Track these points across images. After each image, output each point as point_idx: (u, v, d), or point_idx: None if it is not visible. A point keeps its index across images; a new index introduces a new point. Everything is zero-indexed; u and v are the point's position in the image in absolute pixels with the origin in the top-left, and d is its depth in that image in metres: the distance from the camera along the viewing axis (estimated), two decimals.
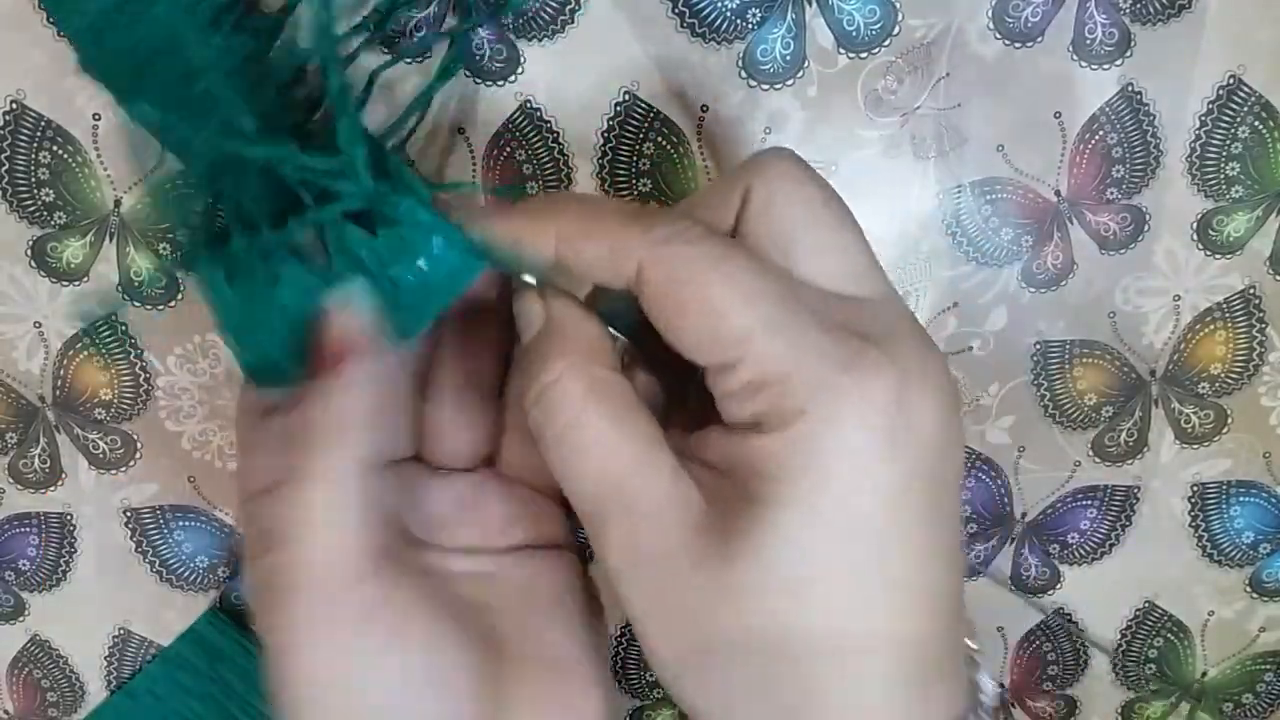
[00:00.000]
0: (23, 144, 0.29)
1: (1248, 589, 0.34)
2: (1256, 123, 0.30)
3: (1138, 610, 0.34)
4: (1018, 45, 0.29)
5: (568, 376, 0.21)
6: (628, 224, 0.21)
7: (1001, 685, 0.34)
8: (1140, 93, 0.29)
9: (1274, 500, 0.33)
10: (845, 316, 0.21)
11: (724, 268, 0.20)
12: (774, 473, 0.20)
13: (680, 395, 0.24)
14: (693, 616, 0.20)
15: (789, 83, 0.29)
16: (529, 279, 0.23)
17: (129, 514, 0.33)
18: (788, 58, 0.29)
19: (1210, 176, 0.30)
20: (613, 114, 0.29)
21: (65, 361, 0.31)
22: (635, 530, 0.21)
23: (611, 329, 0.23)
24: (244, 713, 0.33)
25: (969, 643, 0.23)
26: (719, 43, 0.29)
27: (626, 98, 0.29)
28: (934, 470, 0.20)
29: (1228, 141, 0.30)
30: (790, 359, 0.19)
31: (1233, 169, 0.30)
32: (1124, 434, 0.32)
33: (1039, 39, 0.29)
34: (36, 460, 0.32)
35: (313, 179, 0.22)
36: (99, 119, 0.29)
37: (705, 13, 0.28)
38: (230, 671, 0.33)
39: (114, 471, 0.32)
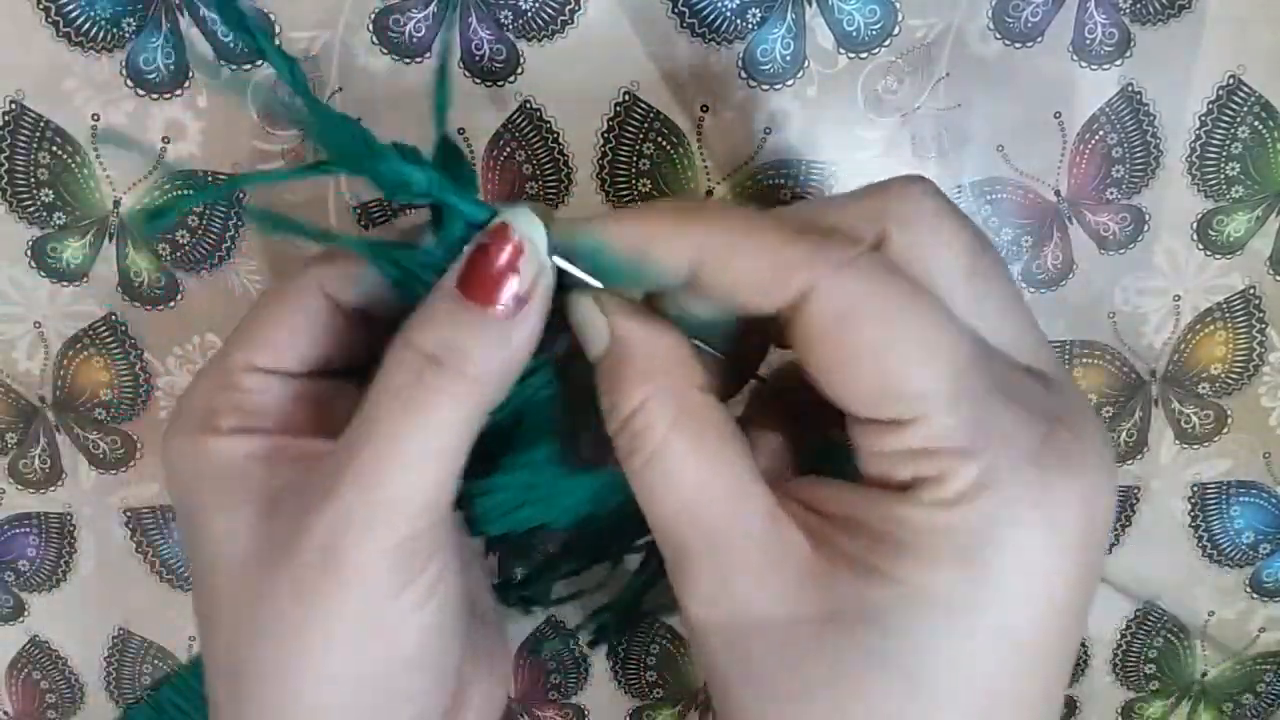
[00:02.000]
0: (22, 144, 0.29)
1: (1248, 589, 0.34)
2: (1256, 123, 0.30)
3: (1138, 610, 0.34)
4: (1018, 45, 0.29)
5: (653, 403, 0.19)
6: (792, 239, 0.18)
7: None
8: (1140, 93, 0.29)
9: (1274, 500, 0.33)
10: (1029, 393, 0.18)
11: (913, 309, 0.17)
12: (925, 551, 0.17)
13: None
14: (795, 689, 0.17)
15: (789, 83, 0.29)
16: (589, 283, 0.20)
17: (129, 514, 0.33)
18: (788, 58, 0.29)
19: (1210, 176, 0.30)
20: (613, 114, 0.29)
21: (65, 362, 0.31)
22: (723, 575, 0.18)
23: (698, 342, 0.20)
24: None
25: None
26: (719, 43, 0.29)
27: (626, 98, 0.29)
28: (1094, 584, 0.18)
29: (1228, 141, 0.30)
30: (974, 435, 0.17)
31: (1233, 169, 0.30)
32: (1124, 434, 0.32)
33: (1039, 39, 0.29)
34: (37, 460, 0.32)
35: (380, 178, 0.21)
36: (98, 119, 0.29)
37: (705, 13, 0.28)
38: None
39: (114, 471, 0.32)
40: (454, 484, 0.20)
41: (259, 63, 0.29)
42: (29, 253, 0.30)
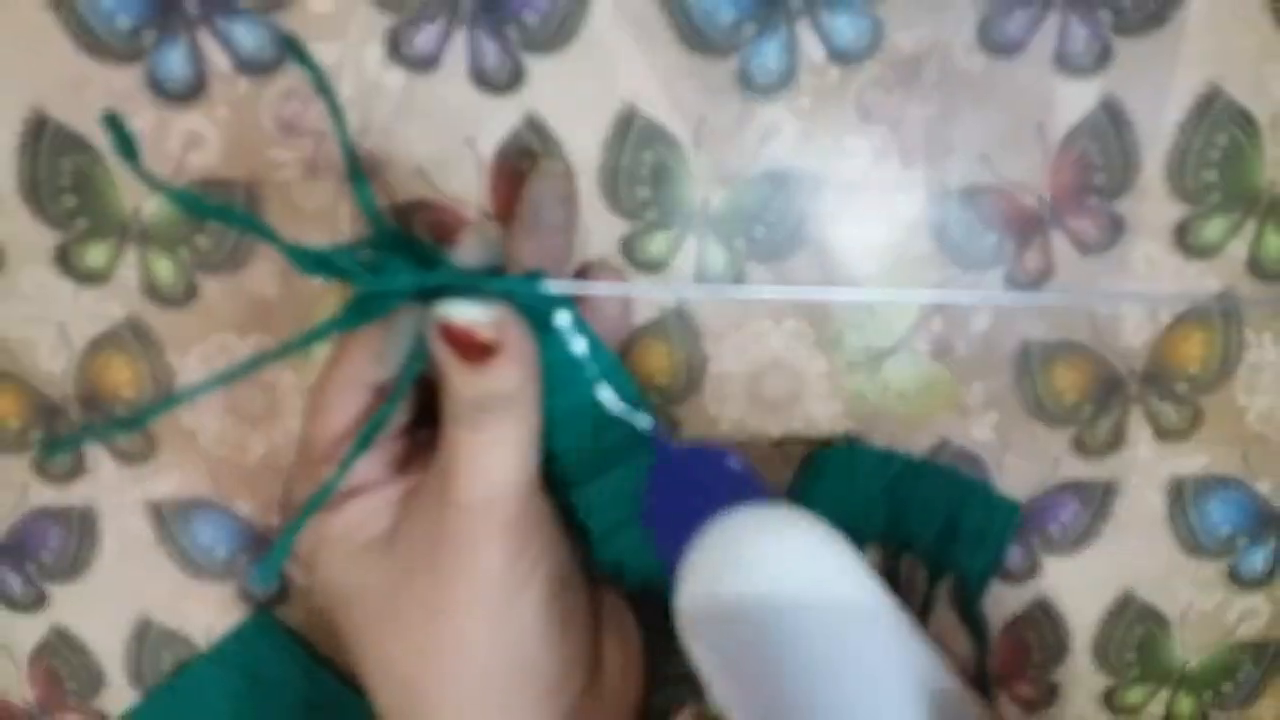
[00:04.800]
0: (45, 152, 0.30)
1: (1225, 581, 0.34)
2: (1235, 129, 0.30)
3: (1117, 600, 0.35)
4: (1002, 58, 0.30)
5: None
6: None
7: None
8: (1120, 102, 0.30)
9: (1250, 495, 0.34)
10: None
11: None
12: None
13: None
14: None
15: (783, 94, 0.30)
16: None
17: (150, 507, 0.33)
18: (781, 71, 0.30)
19: (1188, 183, 0.31)
20: (614, 125, 0.30)
21: (88, 362, 0.32)
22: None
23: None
24: (285, 715, 0.33)
25: None
26: (716, 56, 0.30)
27: (627, 109, 0.30)
28: None
29: (1206, 149, 0.30)
30: None
31: (1210, 176, 0.31)
32: (1103, 431, 0.33)
33: (1022, 52, 0.30)
34: (60, 456, 0.33)
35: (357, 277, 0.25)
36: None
37: (703, 27, 0.29)
38: (273, 673, 0.33)
39: (135, 466, 0.33)
40: (534, 467, 0.25)
41: (275, 74, 0.30)
42: (52, 257, 0.31)
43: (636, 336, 0.32)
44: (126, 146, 0.22)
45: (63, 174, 0.30)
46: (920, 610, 0.33)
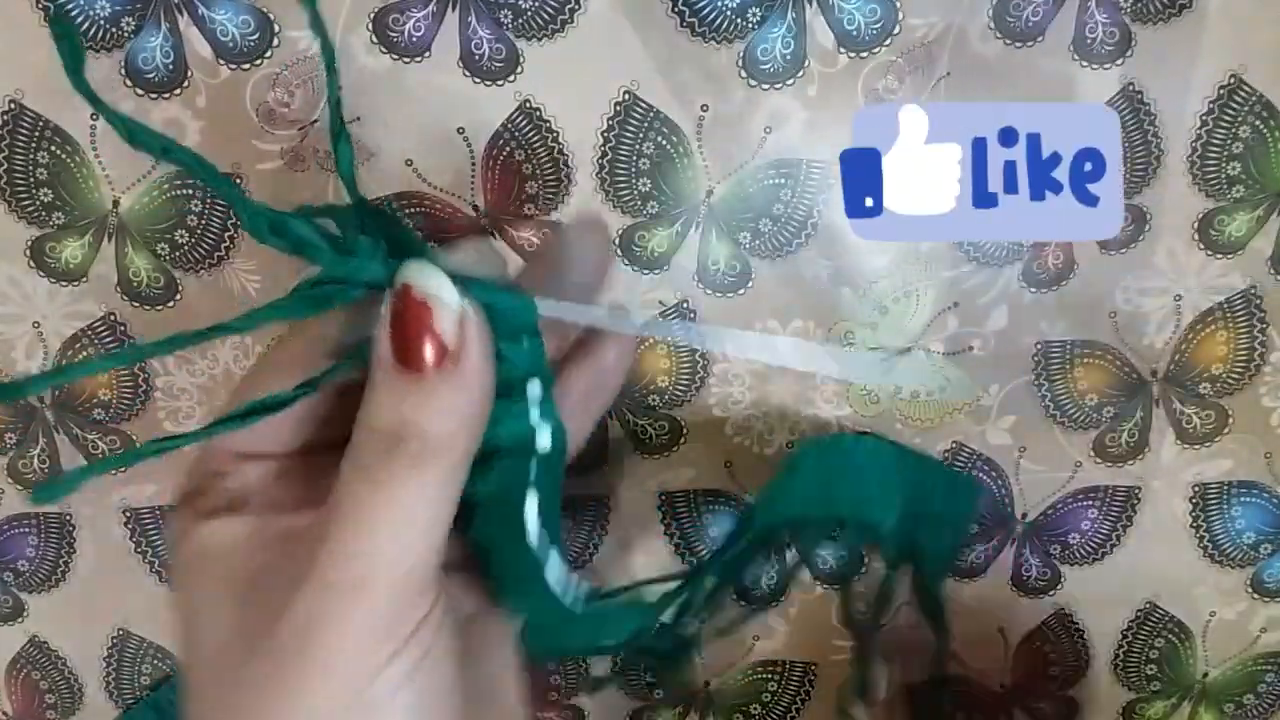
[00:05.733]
0: (21, 144, 0.29)
1: (1249, 590, 0.34)
2: (1257, 122, 0.30)
3: (1139, 611, 0.34)
4: (1018, 45, 0.29)
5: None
6: None
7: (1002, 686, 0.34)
8: (1141, 92, 0.29)
9: (1275, 501, 0.33)
10: None
11: None
12: None
13: None
14: None
15: (789, 82, 0.29)
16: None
17: (128, 514, 0.33)
18: (788, 57, 0.29)
19: (1211, 176, 0.30)
20: (612, 113, 0.29)
21: (64, 362, 0.31)
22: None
23: None
24: None
25: None
26: (719, 42, 0.29)
27: (626, 97, 0.29)
28: None
29: (1229, 141, 0.30)
30: None
31: (1233, 168, 0.30)
32: (1125, 434, 0.32)
33: (1040, 38, 0.29)
34: (35, 460, 0.32)
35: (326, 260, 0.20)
36: (97, 119, 0.29)
37: (705, 12, 0.28)
38: None
39: (113, 471, 0.32)
40: (436, 553, 0.19)
41: (258, 61, 0.29)
42: (28, 253, 0.30)
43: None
44: (73, 55, 0.18)
45: (39, 166, 0.29)
46: (876, 600, 0.33)
